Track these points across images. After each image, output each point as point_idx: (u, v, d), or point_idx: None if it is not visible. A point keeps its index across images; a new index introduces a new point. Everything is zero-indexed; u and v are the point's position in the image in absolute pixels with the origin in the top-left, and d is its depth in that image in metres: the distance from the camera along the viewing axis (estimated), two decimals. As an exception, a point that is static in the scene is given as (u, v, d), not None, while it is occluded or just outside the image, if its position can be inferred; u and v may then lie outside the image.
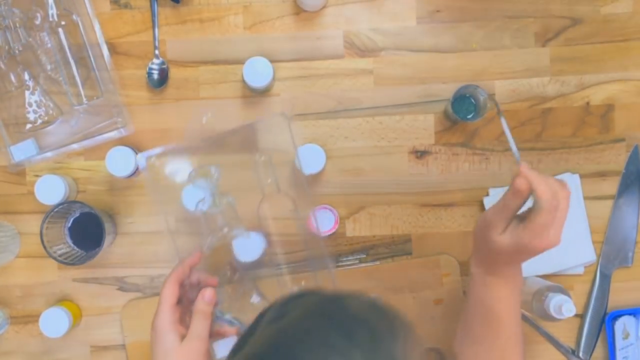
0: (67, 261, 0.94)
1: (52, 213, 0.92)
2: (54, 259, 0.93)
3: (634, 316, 0.98)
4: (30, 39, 0.98)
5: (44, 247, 0.92)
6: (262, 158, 0.93)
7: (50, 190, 0.94)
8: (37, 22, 0.97)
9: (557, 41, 1.00)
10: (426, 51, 1.00)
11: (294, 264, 0.97)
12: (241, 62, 0.96)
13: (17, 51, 0.97)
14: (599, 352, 1.00)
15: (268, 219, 0.95)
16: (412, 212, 1.01)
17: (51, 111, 0.98)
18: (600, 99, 1.01)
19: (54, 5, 0.97)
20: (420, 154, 1.01)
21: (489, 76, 1.00)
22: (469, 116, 0.97)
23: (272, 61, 0.95)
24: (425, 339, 0.92)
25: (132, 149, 0.95)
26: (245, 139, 0.97)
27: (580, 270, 1.00)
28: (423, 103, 1.00)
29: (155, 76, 1.00)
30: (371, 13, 1.00)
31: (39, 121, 0.98)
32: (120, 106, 0.99)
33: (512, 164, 0.99)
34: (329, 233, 0.97)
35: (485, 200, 0.99)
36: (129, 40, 1.00)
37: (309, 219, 0.93)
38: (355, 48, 1.00)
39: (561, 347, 1.00)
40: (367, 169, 1.00)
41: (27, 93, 0.98)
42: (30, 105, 0.98)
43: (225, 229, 0.91)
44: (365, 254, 1.01)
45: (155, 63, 1.00)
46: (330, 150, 0.99)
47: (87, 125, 0.99)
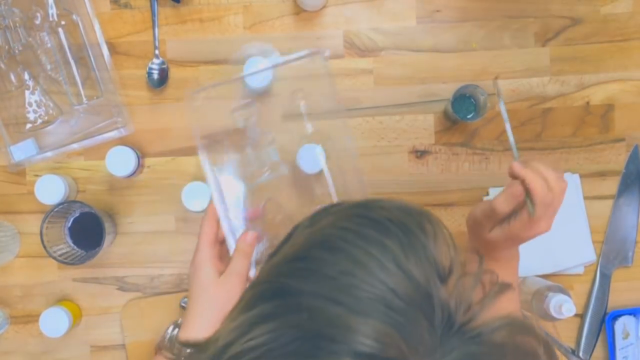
0: (67, 261, 0.94)
1: (52, 213, 0.92)
2: (54, 258, 0.93)
3: (634, 316, 0.98)
4: (30, 39, 0.98)
5: (44, 247, 0.92)
6: (302, 101, 0.93)
7: (50, 190, 0.94)
8: (37, 22, 0.97)
9: (557, 41, 1.00)
10: (426, 51, 1.00)
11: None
12: (241, 62, 0.96)
13: (17, 51, 0.97)
14: (599, 352, 1.00)
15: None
16: (412, 212, 1.00)
17: (51, 111, 0.98)
18: (600, 99, 1.01)
19: (54, 5, 0.97)
20: (420, 153, 1.01)
21: (489, 76, 1.00)
22: (469, 116, 0.97)
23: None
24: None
25: (132, 148, 0.95)
26: (281, 78, 0.96)
27: (580, 270, 1.00)
28: (423, 103, 1.00)
29: (155, 76, 1.00)
30: (371, 13, 1.00)
31: (39, 121, 0.98)
32: (120, 106, 0.99)
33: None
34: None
35: (485, 200, 0.99)
36: (129, 40, 1.00)
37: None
38: (355, 48, 1.00)
39: (561, 347, 1.00)
40: (367, 169, 1.00)
41: (27, 93, 0.98)
42: (30, 105, 0.98)
43: (267, 167, 0.90)
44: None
45: (155, 63, 1.00)
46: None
47: (87, 125, 0.99)
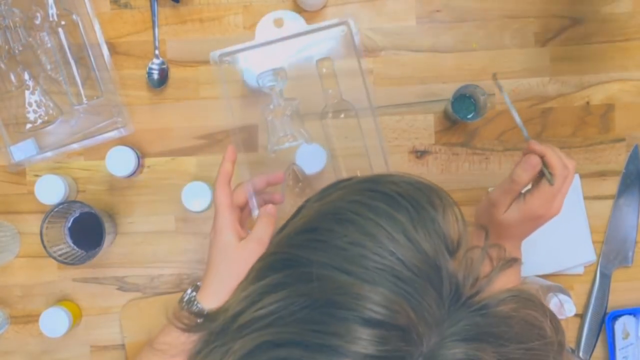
0: (67, 261, 0.94)
1: (52, 213, 0.92)
2: (54, 258, 0.93)
3: (634, 316, 0.98)
4: (30, 39, 0.98)
5: (44, 247, 0.92)
6: (325, 69, 0.92)
7: (50, 190, 0.94)
8: (37, 22, 0.97)
9: (557, 41, 1.00)
10: (426, 51, 1.00)
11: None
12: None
13: (17, 51, 0.97)
14: (599, 351, 1.00)
15: (330, 127, 0.95)
16: (412, 212, 1.00)
17: (51, 111, 0.98)
18: (600, 99, 1.01)
19: (53, 5, 0.97)
20: (420, 153, 1.01)
21: (489, 76, 1.00)
22: (469, 116, 0.97)
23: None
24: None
25: (132, 148, 0.95)
26: (306, 47, 0.94)
27: (580, 270, 1.00)
28: (423, 103, 1.00)
29: (155, 76, 1.00)
30: (371, 13, 1.00)
31: (39, 121, 0.98)
32: (120, 106, 0.99)
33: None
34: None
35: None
36: (129, 40, 1.00)
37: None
38: (355, 45, 1.00)
39: (561, 347, 1.00)
40: (367, 169, 1.00)
41: (27, 93, 0.98)
42: (30, 105, 0.98)
43: (289, 135, 0.89)
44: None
45: (155, 63, 1.00)
46: (331, 150, 0.99)
47: (87, 125, 0.99)
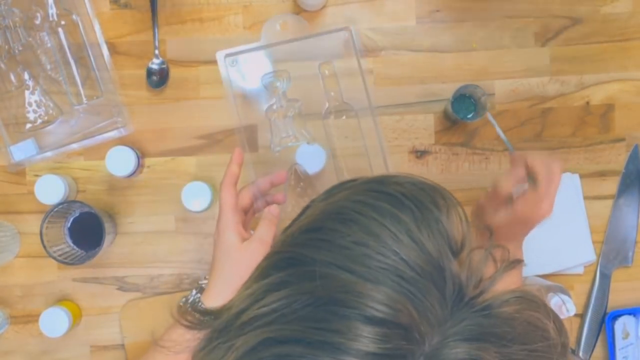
0: (67, 261, 0.94)
1: (52, 213, 0.92)
2: (54, 258, 0.93)
3: (634, 316, 0.98)
4: (30, 39, 0.98)
5: (44, 247, 0.92)
6: (327, 71, 0.94)
7: (50, 190, 0.94)
8: (37, 22, 0.97)
9: (557, 41, 1.00)
10: (426, 51, 1.00)
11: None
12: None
13: (17, 51, 0.97)
14: (598, 351, 1.00)
15: (332, 128, 0.96)
16: (412, 212, 1.00)
17: (51, 111, 0.98)
18: (600, 99, 1.01)
19: (53, 5, 0.97)
20: (420, 153, 1.01)
21: (489, 76, 1.00)
22: (469, 116, 0.97)
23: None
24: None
25: (132, 148, 0.95)
26: (309, 51, 0.96)
27: (580, 270, 1.00)
28: (423, 103, 1.00)
29: (155, 76, 1.00)
30: (371, 13, 1.00)
31: (39, 121, 0.98)
32: (120, 106, 0.99)
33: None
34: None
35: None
36: (129, 40, 1.00)
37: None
38: (355, 47, 1.00)
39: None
40: (367, 169, 1.00)
41: (27, 93, 0.98)
42: (30, 105, 0.98)
43: (291, 135, 0.91)
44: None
45: (155, 63, 1.00)
46: (332, 150, 0.99)
47: (87, 125, 0.99)
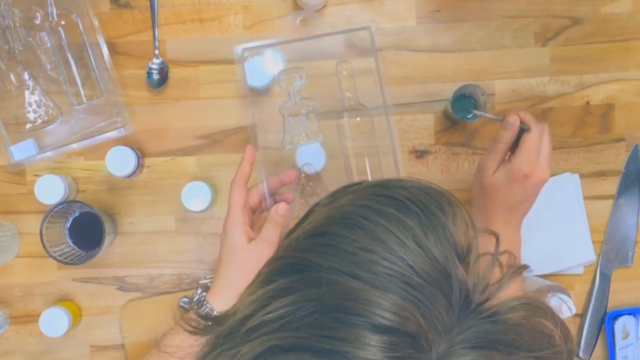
0: (67, 261, 0.94)
1: (52, 213, 0.92)
2: (54, 258, 0.93)
3: (634, 316, 0.98)
4: (30, 39, 0.97)
5: (44, 247, 0.92)
6: (345, 72, 0.94)
7: (50, 190, 0.94)
8: (37, 21, 0.97)
9: (557, 41, 1.00)
10: (426, 51, 1.00)
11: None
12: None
13: (17, 51, 0.97)
14: (598, 351, 1.00)
15: (344, 128, 0.97)
16: (412, 212, 1.00)
17: (51, 111, 0.98)
18: (600, 99, 1.01)
19: (53, 5, 0.97)
20: (420, 153, 1.01)
21: (488, 76, 1.00)
22: (469, 116, 0.97)
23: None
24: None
25: (132, 148, 0.95)
26: (329, 49, 0.97)
27: (580, 270, 1.00)
28: (423, 103, 1.00)
29: (155, 76, 1.00)
30: (371, 13, 1.00)
31: (39, 121, 0.98)
32: (120, 106, 0.99)
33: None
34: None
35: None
36: (129, 40, 1.00)
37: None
38: (355, 47, 1.00)
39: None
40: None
41: (27, 93, 0.98)
42: (30, 105, 0.98)
43: (304, 135, 0.91)
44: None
45: (155, 63, 1.00)
46: (329, 149, 0.99)
47: (87, 125, 0.99)
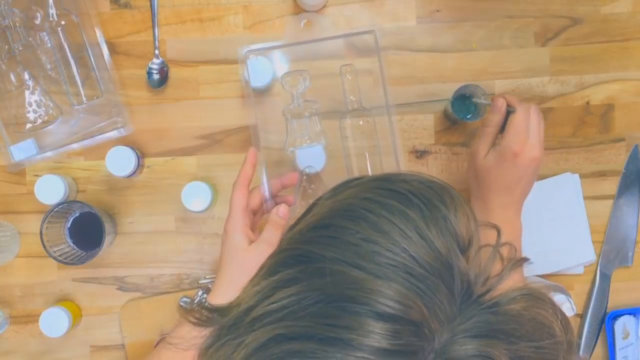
0: (67, 261, 0.94)
1: (52, 213, 0.92)
2: (54, 258, 0.93)
3: (634, 316, 0.98)
4: (30, 39, 0.97)
5: (44, 247, 0.92)
6: (348, 76, 0.94)
7: (50, 190, 0.94)
8: (37, 21, 0.97)
9: (557, 41, 1.00)
10: (426, 51, 1.00)
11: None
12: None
13: (17, 51, 0.97)
14: (599, 351, 1.00)
15: (347, 130, 0.97)
16: (412, 212, 1.00)
17: (51, 111, 0.98)
18: (600, 99, 1.01)
19: (53, 5, 0.97)
20: (420, 153, 1.01)
21: (488, 76, 1.00)
22: (469, 116, 0.97)
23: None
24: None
25: (132, 148, 0.95)
26: (330, 49, 0.97)
27: (580, 270, 1.00)
28: (423, 103, 1.00)
29: (155, 76, 1.00)
30: (371, 13, 1.00)
31: (39, 121, 0.98)
32: (120, 106, 0.99)
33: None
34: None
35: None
36: (129, 40, 1.00)
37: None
38: (355, 48, 1.00)
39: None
40: (367, 169, 1.00)
41: (27, 93, 0.98)
42: (30, 105, 0.98)
43: (307, 137, 0.91)
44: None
45: (155, 63, 1.00)
46: (331, 150, 0.99)
47: (87, 125, 0.99)
